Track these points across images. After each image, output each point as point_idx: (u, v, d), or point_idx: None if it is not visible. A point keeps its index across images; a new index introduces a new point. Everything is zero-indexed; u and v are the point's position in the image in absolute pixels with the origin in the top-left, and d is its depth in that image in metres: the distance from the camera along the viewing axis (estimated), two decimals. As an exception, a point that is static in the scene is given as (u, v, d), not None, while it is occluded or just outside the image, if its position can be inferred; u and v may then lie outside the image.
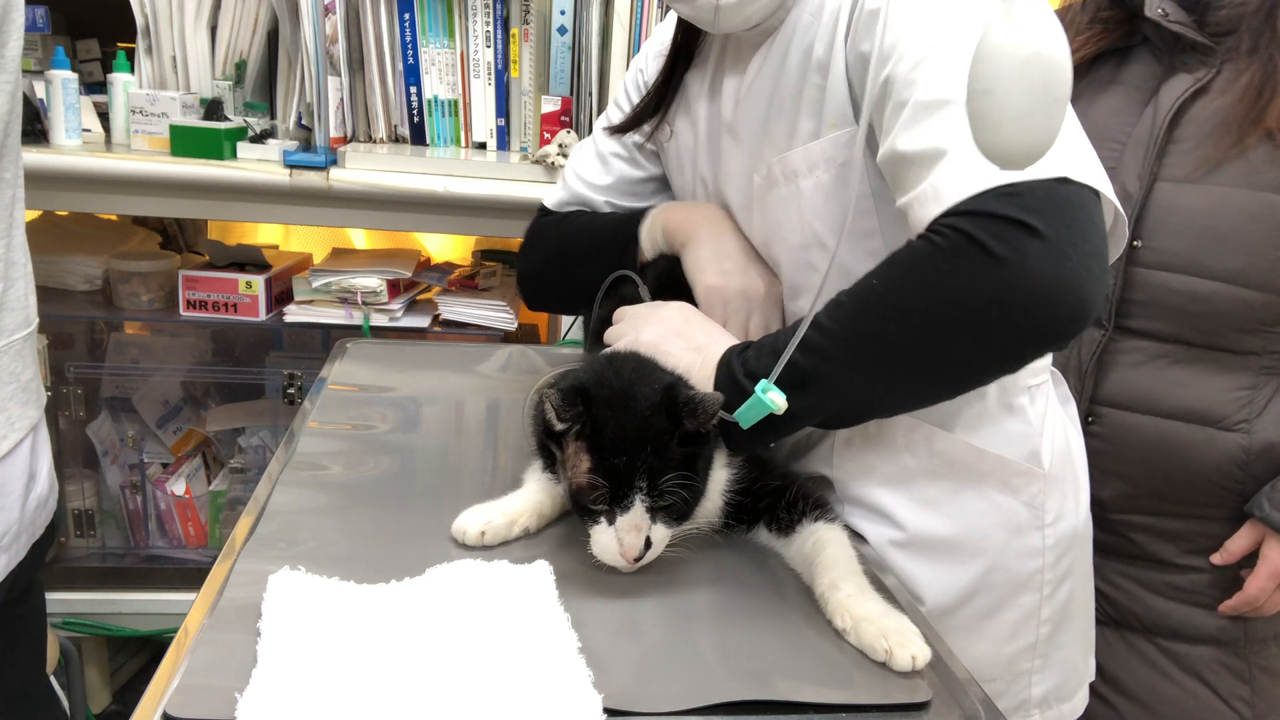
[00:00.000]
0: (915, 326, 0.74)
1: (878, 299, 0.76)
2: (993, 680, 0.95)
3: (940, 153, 0.74)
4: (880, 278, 0.76)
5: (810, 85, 0.88)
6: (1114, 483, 1.24)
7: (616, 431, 0.77)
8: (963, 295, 0.71)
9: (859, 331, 0.77)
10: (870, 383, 0.79)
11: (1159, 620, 1.26)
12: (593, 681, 0.63)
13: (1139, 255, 1.19)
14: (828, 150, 0.87)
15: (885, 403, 0.83)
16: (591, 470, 0.77)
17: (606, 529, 0.77)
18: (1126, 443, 1.22)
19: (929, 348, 0.75)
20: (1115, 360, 1.23)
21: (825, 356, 0.78)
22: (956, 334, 0.73)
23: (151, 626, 2.03)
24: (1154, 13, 1.18)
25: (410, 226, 1.99)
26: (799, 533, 0.83)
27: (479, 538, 0.82)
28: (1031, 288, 0.69)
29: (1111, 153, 1.22)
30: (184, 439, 2.19)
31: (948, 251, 0.71)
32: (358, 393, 1.21)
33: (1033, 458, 0.94)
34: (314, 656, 0.64)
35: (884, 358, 0.77)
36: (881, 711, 0.67)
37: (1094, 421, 1.24)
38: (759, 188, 0.94)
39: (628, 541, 0.77)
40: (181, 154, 1.76)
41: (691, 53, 1.04)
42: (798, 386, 0.79)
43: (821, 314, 0.79)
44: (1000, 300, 0.70)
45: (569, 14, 1.90)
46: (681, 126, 1.05)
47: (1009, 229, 0.69)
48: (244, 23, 1.92)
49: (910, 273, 0.74)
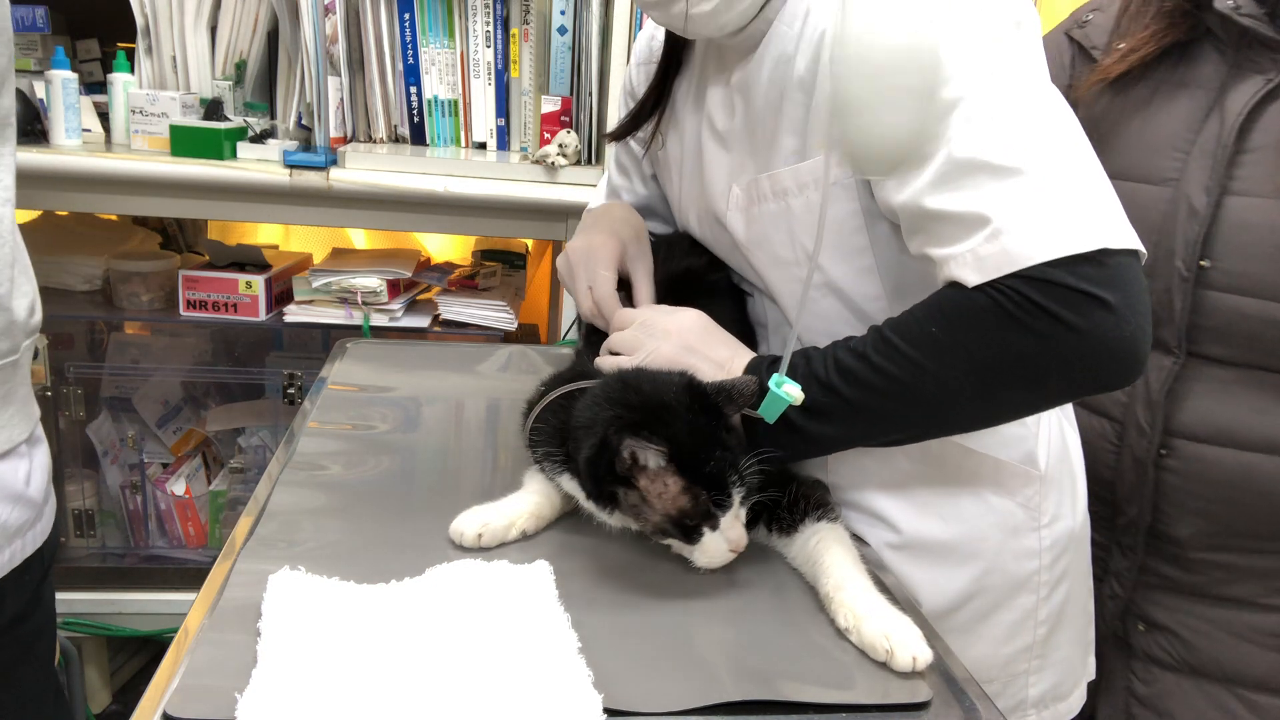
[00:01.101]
0: (975, 374, 0.78)
1: (936, 344, 0.78)
2: (990, 681, 0.95)
3: (983, 219, 0.75)
4: (940, 326, 0.78)
5: (792, 103, 0.87)
6: (1192, 519, 1.15)
7: (689, 442, 0.76)
8: (1030, 353, 0.75)
9: (915, 374, 0.79)
10: (920, 418, 0.83)
11: (1242, 668, 1.17)
12: (593, 681, 0.64)
13: (1208, 277, 1.09)
14: (817, 170, 0.86)
15: (928, 433, 0.86)
16: (686, 488, 0.77)
17: (714, 535, 0.78)
18: (1204, 477, 1.13)
19: (986, 392, 0.79)
20: (1189, 389, 1.14)
21: (875, 391, 0.81)
22: (1016, 384, 0.79)
23: (151, 626, 2.03)
24: (1224, 4, 1.08)
25: (410, 226, 1.99)
26: (801, 532, 0.83)
27: (476, 540, 0.82)
28: (1099, 351, 0.74)
29: (1173, 162, 1.12)
30: (184, 439, 2.19)
31: (1017, 314, 0.74)
32: (358, 393, 1.21)
33: (1028, 459, 0.94)
34: (314, 656, 0.64)
35: (939, 398, 0.80)
36: (881, 711, 0.67)
37: (1168, 454, 1.15)
38: (739, 199, 0.93)
39: (735, 535, 0.79)
40: (181, 154, 1.76)
41: (680, 60, 1.03)
42: (844, 417, 0.83)
43: (868, 349, 0.81)
44: (1066, 360, 0.75)
45: (569, 14, 1.90)
46: (670, 136, 1.06)
47: (1079, 300, 0.73)
48: (244, 23, 1.92)
49: (976, 327, 0.77)
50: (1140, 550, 1.20)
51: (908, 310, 0.81)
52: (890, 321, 0.82)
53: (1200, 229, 1.09)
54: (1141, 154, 1.16)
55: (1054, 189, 0.74)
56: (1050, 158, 0.75)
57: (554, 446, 0.85)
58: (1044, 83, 0.79)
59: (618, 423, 0.77)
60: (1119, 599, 1.23)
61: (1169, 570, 1.20)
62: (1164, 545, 1.19)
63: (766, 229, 0.92)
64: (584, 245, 1.03)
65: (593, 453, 0.77)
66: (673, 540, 0.81)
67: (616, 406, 0.79)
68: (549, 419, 0.89)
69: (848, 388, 0.82)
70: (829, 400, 0.82)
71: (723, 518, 0.77)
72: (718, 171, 0.97)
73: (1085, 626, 1.05)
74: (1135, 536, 1.20)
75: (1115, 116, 1.20)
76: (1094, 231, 0.73)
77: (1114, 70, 1.18)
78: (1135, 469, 1.17)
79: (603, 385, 0.83)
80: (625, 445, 0.75)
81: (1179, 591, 1.19)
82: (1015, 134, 0.75)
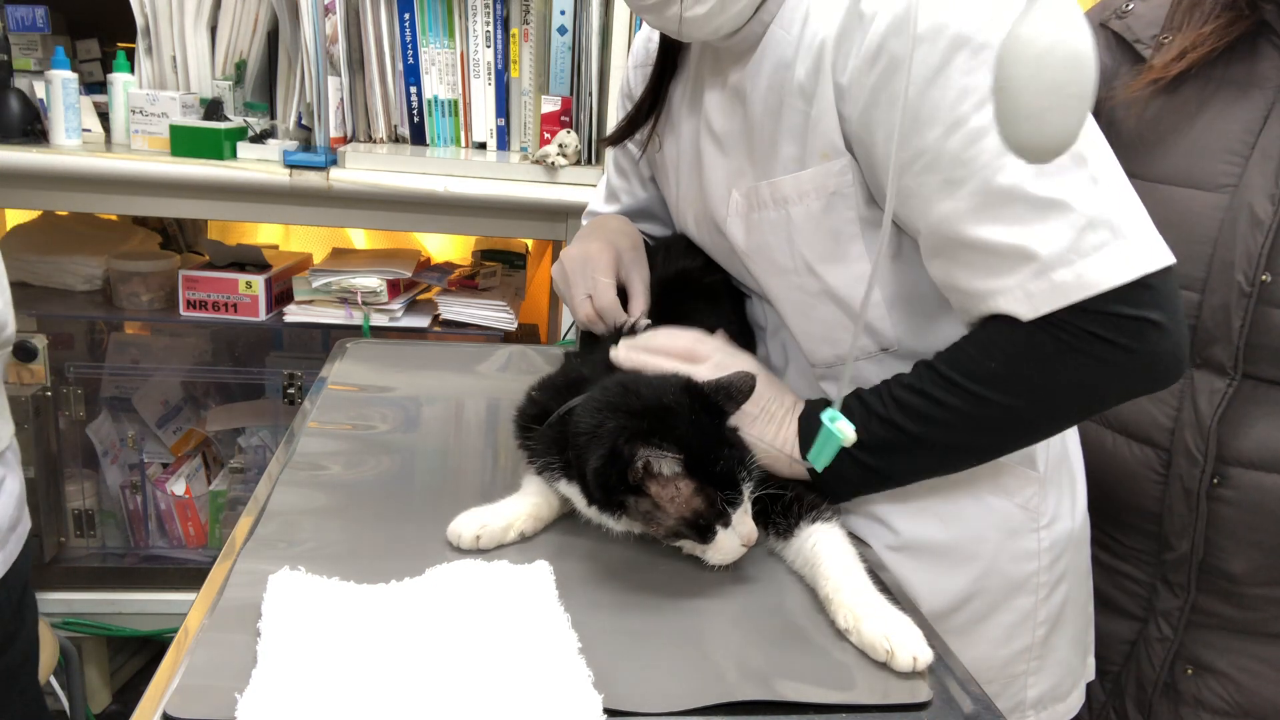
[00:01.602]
0: (1039, 402, 0.82)
1: (996, 378, 0.81)
2: (988, 682, 0.95)
3: (1028, 254, 0.76)
4: (999, 361, 0.81)
5: (792, 110, 0.86)
6: (1249, 553, 1.08)
7: (698, 444, 0.76)
8: (1090, 379, 0.80)
9: (979, 406, 0.82)
10: (984, 446, 0.87)
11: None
12: (593, 681, 0.64)
13: (1270, 292, 1.03)
14: (818, 179, 0.86)
15: (986, 458, 0.89)
16: (699, 490, 0.77)
17: (726, 532, 0.78)
18: (1263, 507, 1.06)
19: (1049, 416, 0.84)
20: (1245, 413, 1.06)
21: (939, 424, 0.83)
22: (1077, 405, 0.84)
23: (151, 626, 2.03)
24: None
25: (410, 226, 1.99)
26: (798, 535, 0.83)
27: (474, 542, 0.82)
28: (1154, 367, 0.79)
29: (1232, 167, 1.05)
30: (184, 439, 2.20)
31: (1076, 345, 0.77)
32: (358, 393, 1.21)
33: (1027, 460, 0.94)
34: (314, 657, 0.64)
35: (1002, 427, 0.84)
36: (881, 712, 0.67)
37: (1221, 484, 1.08)
38: (739, 205, 0.93)
39: (746, 530, 0.79)
40: (181, 154, 1.77)
41: (675, 62, 1.03)
42: (907, 450, 0.85)
43: (926, 385, 0.83)
44: (1125, 379, 0.80)
45: (569, 14, 1.90)
46: (667, 139, 1.05)
47: (1134, 325, 0.77)
48: (244, 23, 1.92)
49: (1036, 359, 0.79)
50: (1191, 588, 1.13)
51: (958, 344, 0.84)
52: (943, 356, 0.84)
53: (1265, 240, 1.02)
54: (1193, 158, 1.08)
55: (1097, 219, 0.75)
56: (1088, 183, 0.76)
57: (553, 455, 0.84)
58: None
59: (625, 432, 0.76)
60: (1168, 641, 1.15)
61: (1221, 608, 1.12)
62: (1216, 580, 1.12)
63: (766, 237, 0.92)
64: (579, 253, 1.03)
65: (601, 463, 0.76)
66: (684, 541, 0.80)
67: (620, 414, 0.78)
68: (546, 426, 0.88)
69: (911, 423, 0.84)
70: (891, 435, 0.84)
71: (734, 513, 0.78)
72: (716, 175, 0.96)
73: (1084, 628, 1.05)
74: (1185, 573, 1.12)
75: (1164, 118, 1.12)
76: (1139, 258, 0.75)
77: (1171, 70, 1.08)
78: (1185, 500, 1.10)
79: (601, 391, 0.82)
80: (639, 455, 0.75)
81: (1232, 630, 1.12)
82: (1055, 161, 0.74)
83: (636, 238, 1.09)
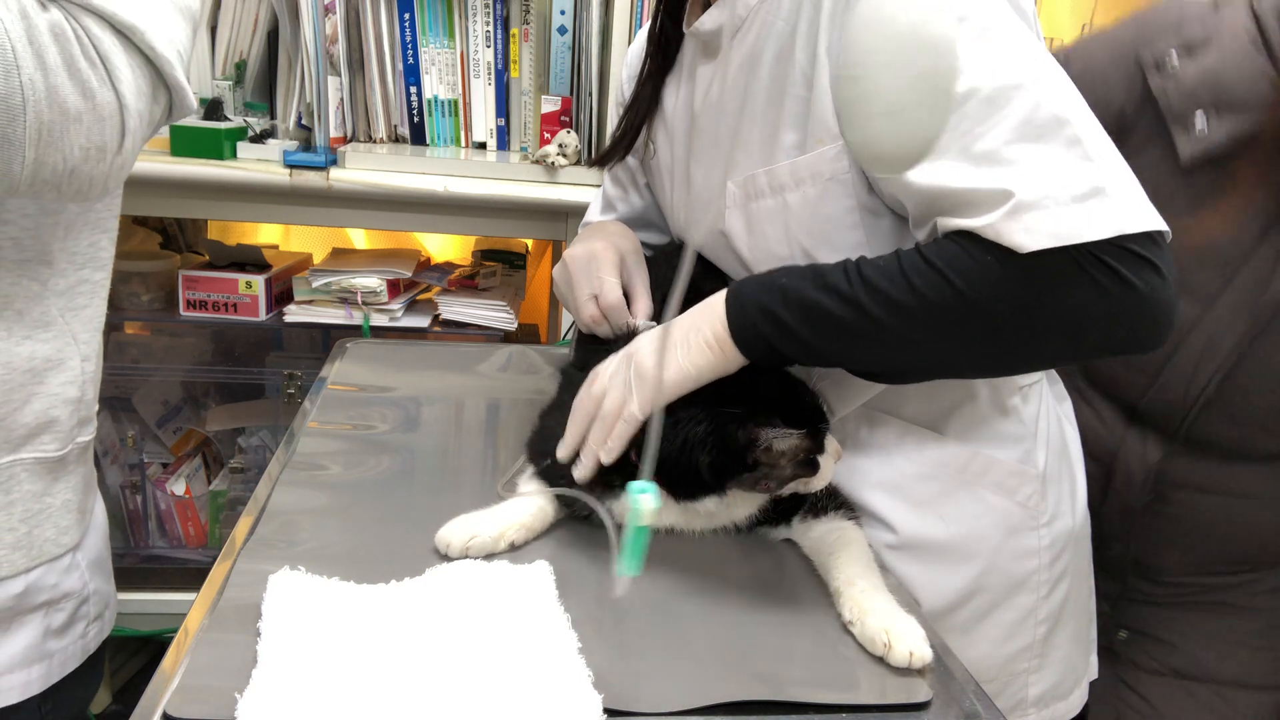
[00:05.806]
0: (1017, 315, 0.74)
1: (987, 276, 0.73)
2: (989, 681, 0.95)
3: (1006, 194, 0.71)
4: (995, 257, 0.72)
5: (792, 97, 0.85)
6: (1179, 554, 1.13)
7: (788, 396, 0.82)
8: (1079, 302, 0.73)
9: (958, 303, 0.74)
10: (949, 351, 0.78)
11: (1221, 667, 1.18)
12: (593, 681, 0.64)
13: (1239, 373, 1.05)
14: (815, 165, 0.86)
15: (939, 370, 0.83)
16: (806, 434, 0.78)
17: (825, 456, 0.81)
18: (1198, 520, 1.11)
19: (1026, 334, 0.75)
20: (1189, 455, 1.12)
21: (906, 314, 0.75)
22: (1052, 332, 0.75)
23: (151, 626, 2.03)
24: None
25: (410, 226, 1.99)
26: (823, 522, 0.85)
27: (463, 551, 0.80)
28: (1144, 309, 0.74)
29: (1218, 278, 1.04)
30: (184, 439, 2.19)
31: (1081, 266, 0.71)
32: (358, 393, 1.21)
33: (1027, 458, 0.94)
34: (314, 657, 0.64)
35: (975, 333, 0.75)
36: (881, 711, 0.67)
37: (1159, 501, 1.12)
38: (736, 197, 0.92)
39: (834, 446, 0.83)
40: (181, 154, 1.76)
41: (667, 65, 1.02)
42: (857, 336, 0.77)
43: (907, 270, 0.75)
44: (1113, 312, 0.73)
45: (569, 14, 1.90)
46: (660, 141, 1.05)
47: (1141, 262, 0.72)
48: (244, 23, 1.92)
49: (1031, 270, 0.72)
50: (1126, 575, 1.24)
51: (946, 238, 0.75)
52: (931, 246, 0.75)
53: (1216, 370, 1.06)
54: None
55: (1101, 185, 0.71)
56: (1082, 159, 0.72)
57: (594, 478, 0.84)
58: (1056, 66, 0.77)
59: (735, 419, 0.78)
60: (1103, 615, 1.22)
61: (1150, 589, 1.23)
62: (1147, 571, 1.23)
63: (764, 226, 0.91)
64: (584, 253, 1.02)
65: (713, 458, 0.78)
66: (789, 485, 0.82)
67: (709, 406, 0.80)
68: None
69: (876, 307, 0.75)
70: (851, 315, 0.76)
71: (826, 437, 0.81)
72: (710, 170, 0.96)
73: (1086, 625, 1.05)
74: (1120, 567, 1.23)
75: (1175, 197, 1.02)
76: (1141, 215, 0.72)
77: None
78: (1122, 514, 1.18)
79: None
80: (760, 440, 0.77)
81: (1160, 604, 1.19)
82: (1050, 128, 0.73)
83: (637, 242, 1.08)
